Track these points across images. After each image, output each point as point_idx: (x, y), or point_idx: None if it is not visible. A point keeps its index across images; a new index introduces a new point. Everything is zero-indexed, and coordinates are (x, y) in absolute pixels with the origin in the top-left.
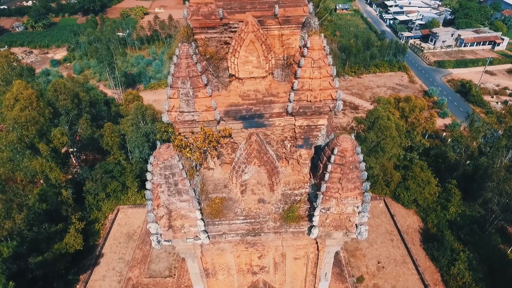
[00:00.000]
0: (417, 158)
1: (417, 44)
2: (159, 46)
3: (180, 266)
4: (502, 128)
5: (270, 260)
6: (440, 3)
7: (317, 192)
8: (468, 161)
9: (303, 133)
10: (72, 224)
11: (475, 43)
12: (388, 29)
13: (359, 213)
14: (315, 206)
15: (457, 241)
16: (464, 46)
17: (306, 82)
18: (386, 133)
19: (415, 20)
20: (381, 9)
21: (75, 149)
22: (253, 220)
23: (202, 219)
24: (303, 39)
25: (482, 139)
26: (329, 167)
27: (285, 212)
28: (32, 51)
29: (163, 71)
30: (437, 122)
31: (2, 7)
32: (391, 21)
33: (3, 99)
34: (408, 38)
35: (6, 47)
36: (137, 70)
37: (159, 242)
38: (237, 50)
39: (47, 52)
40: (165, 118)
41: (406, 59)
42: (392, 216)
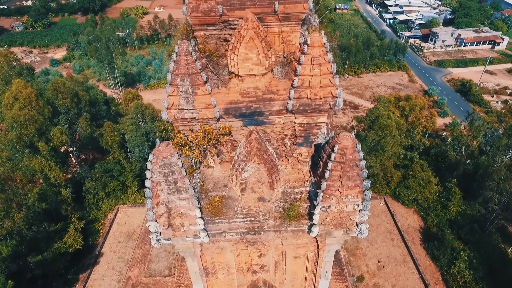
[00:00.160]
0: (417, 157)
1: (417, 43)
2: (159, 46)
3: (180, 265)
4: (503, 128)
5: (270, 259)
6: (440, 2)
7: (317, 190)
8: (468, 160)
9: (303, 131)
10: (71, 224)
11: (475, 43)
12: (388, 28)
13: (359, 211)
14: (315, 204)
15: (458, 240)
16: (464, 46)
17: (306, 79)
18: (386, 132)
19: (415, 19)
20: (381, 9)
21: (74, 149)
22: (253, 219)
23: (202, 217)
24: (303, 36)
25: (482, 138)
26: (330, 165)
27: (285, 210)
28: (31, 51)
29: (162, 70)
30: (437, 121)
31: (2, 7)
32: (391, 21)
33: (3, 98)
34: (408, 37)
35: (5, 46)
36: (136, 69)
37: (158, 240)
38: (237, 47)
39: (47, 52)
40: (164, 115)
41: (406, 58)
42: (392, 215)
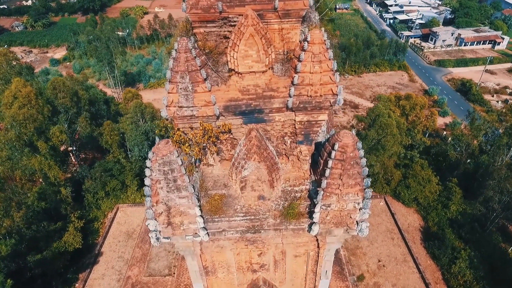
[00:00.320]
0: (418, 156)
1: (417, 43)
2: (159, 45)
3: (179, 264)
4: (503, 127)
5: (270, 258)
6: (440, 2)
7: (318, 189)
8: (468, 160)
9: (303, 128)
10: (71, 223)
11: (475, 42)
12: (388, 28)
13: (360, 209)
14: (316, 203)
15: (458, 240)
16: (464, 45)
17: (306, 76)
18: (386, 131)
19: (415, 19)
20: (381, 9)
21: (74, 148)
22: (253, 217)
23: (202, 215)
24: (303, 34)
25: (483, 137)
26: (330, 163)
27: (285, 209)
28: (31, 51)
29: (163, 70)
30: (437, 121)
31: (2, 7)
32: (391, 21)
33: (2, 98)
34: (408, 37)
35: (5, 46)
36: (136, 69)
37: (158, 239)
38: (237, 44)
39: (47, 52)
40: (164, 113)
41: (406, 58)
42: (392, 215)
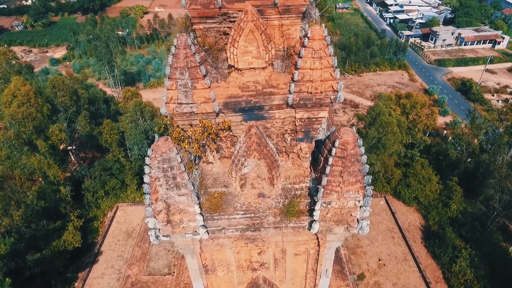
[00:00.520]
0: (418, 155)
1: (417, 43)
2: (159, 45)
3: (179, 263)
4: (503, 126)
5: (270, 256)
6: (440, 2)
7: (318, 186)
8: (469, 159)
9: (303, 126)
10: (70, 222)
11: (476, 42)
12: (388, 28)
13: (360, 207)
14: (316, 200)
15: (459, 239)
16: (464, 45)
17: (306, 73)
18: (387, 129)
19: (415, 19)
20: (381, 8)
21: (73, 147)
22: (252, 215)
23: (201, 213)
24: (303, 30)
25: (483, 136)
26: (330, 160)
27: (285, 206)
28: (31, 50)
29: (162, 69)
30: (437, 120)
31: (2, 6)
32: (391, 20)
33: (1, 96)
34: (408, 36)
35: (5, 46)
36: (136, 68)
37: (157, 237)
38: (236, 40)
39: (47, 51)
40: (163, 110)
41: (406, 57)
42: (393, 214)
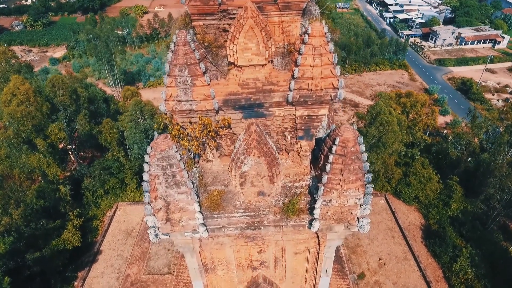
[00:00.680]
0: (418, 154)
1: (417, 42)
2: (159, 45)
3: (179, 263)
4: (504, 125)
5: (270, 255)
6: (441, 1)
7: (318, 184)
8: (469, 158)
9: (303, 123)
10: (70, 221)
11: (476, 42)
12: (388, 27)
13: (361, 205)
14: (316, 199)
15: (459, 238)
16: (464, 45)
17: (307, 70)
18: (387, 128)
19: (415, 18)
20: (381, 8)
21: (73, 146)
22: (252, 213)
23: (201, 212)
24: (303, 27)
25: (483, 135)
26: (331, 158)
27: (285, 205)
28: (31, 50)
29: (162, 69)
30: (438, 119)
31: (2, 6)
32: (391, 20)
33: (0, 95)
34: (408, 36)
35: (5, 45)
36: (136, 68)
37: (156, 235)
38: (236, 37)
39: (46, 51)
40: (162, 107)
41: (406, 57)
42: (393, 213)
